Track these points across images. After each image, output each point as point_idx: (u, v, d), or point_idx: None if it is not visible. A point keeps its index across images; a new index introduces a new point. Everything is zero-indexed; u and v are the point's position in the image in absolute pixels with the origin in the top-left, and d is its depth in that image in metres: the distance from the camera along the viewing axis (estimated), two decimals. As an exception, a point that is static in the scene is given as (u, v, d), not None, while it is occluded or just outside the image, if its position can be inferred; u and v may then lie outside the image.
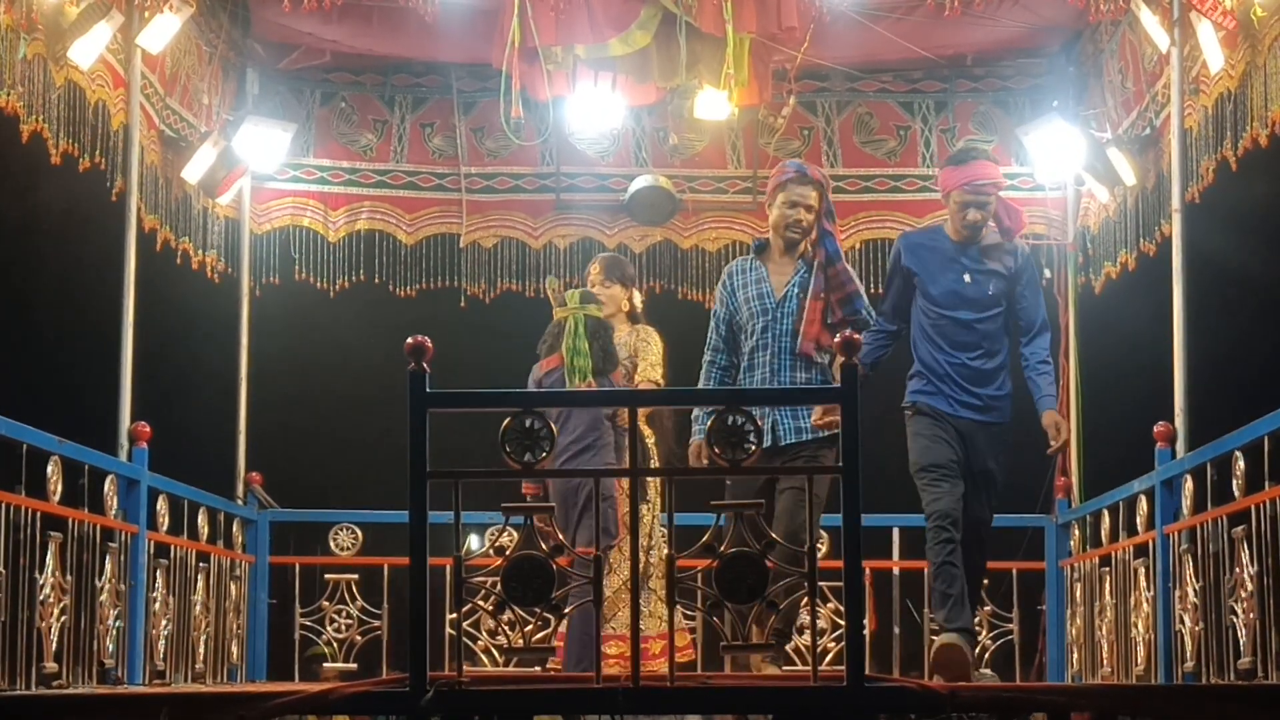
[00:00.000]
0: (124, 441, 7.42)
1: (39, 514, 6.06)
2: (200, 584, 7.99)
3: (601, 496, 7.29)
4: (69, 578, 6.34)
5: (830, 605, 8.48)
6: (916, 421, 6.80)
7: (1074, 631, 8.46)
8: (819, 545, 6.12)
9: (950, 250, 6.82)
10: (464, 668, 5.17)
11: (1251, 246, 10.30)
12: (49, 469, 6.21)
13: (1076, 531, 8.53)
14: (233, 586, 8.50)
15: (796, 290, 6.92)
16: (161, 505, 7.48)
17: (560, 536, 7.16)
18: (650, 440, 7.90)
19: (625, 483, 7.61)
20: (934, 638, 8.50)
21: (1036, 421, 6.90)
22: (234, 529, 8.59)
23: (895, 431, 6.92)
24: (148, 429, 7.45)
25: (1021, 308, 6.87)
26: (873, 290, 9.33)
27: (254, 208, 9.33)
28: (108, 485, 6.90)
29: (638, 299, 8.25)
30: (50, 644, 6.16)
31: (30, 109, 6.93)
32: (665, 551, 5.08)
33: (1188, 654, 6.61)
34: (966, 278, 6.75)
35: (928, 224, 8.68)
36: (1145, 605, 7.25)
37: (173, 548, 7.62)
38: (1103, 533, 7.90)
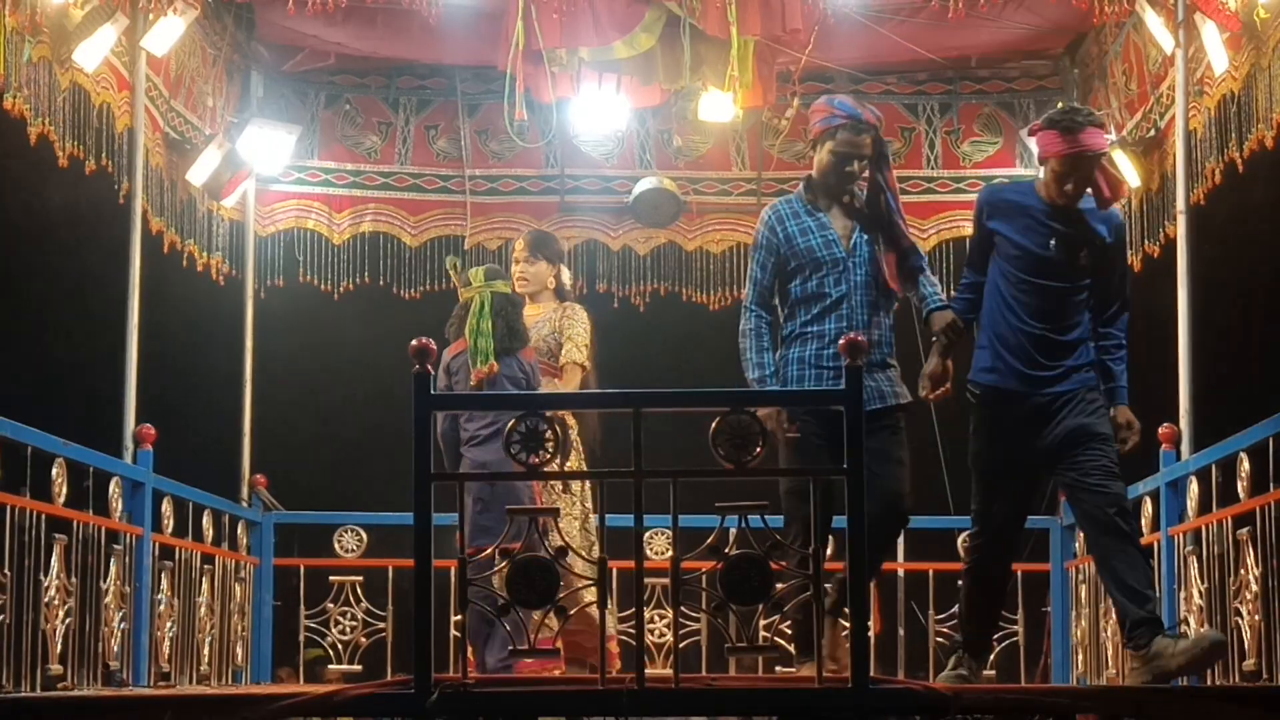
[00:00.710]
0: (129, 444, 7.43)
1: (44, 516, 6.07)
2: (205, 586, 8.00)
3: (513, 499, 7.13)
4: (74, 580, 6.35)
5: (835, 607, 8.47)
6: (980, 413, 6.08)
7: (1079, 633, 8.45)
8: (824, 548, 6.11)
9: (1041, 212, 6.03)
10: (468, 669, 5.17)
11: (1256, 249, 10.29)
12: (54, 471, 6.22)
13: (1081, 533, 8.52)
14: (237, 588, 8.51)
15: (865, 238, 6.27)
16: (166, 507, 7.49)
17: (462, 538, 7.06)
18: (573, 430, 7.69)
19: (543, 485, 7.40)
20: (938, 641, 8.52)
21: None
22: (238, 531, 8.60)
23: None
24: (152, 431, 7.46)
25: (1108, 281, 6.09)
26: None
27: (258, 210, 9.34)
28: (112, 487, 6.90)
29: (565, 276, 8.06)
30: (55, 646, 6.17)
31: (36, 111, 6.94)
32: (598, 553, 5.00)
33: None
34: (1053, 243, 5.98)
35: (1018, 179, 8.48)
36: (1150, 607, 7.24)
37: (177, 550, 7.63)
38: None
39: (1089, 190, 5.98)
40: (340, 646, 8.85)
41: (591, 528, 7.58)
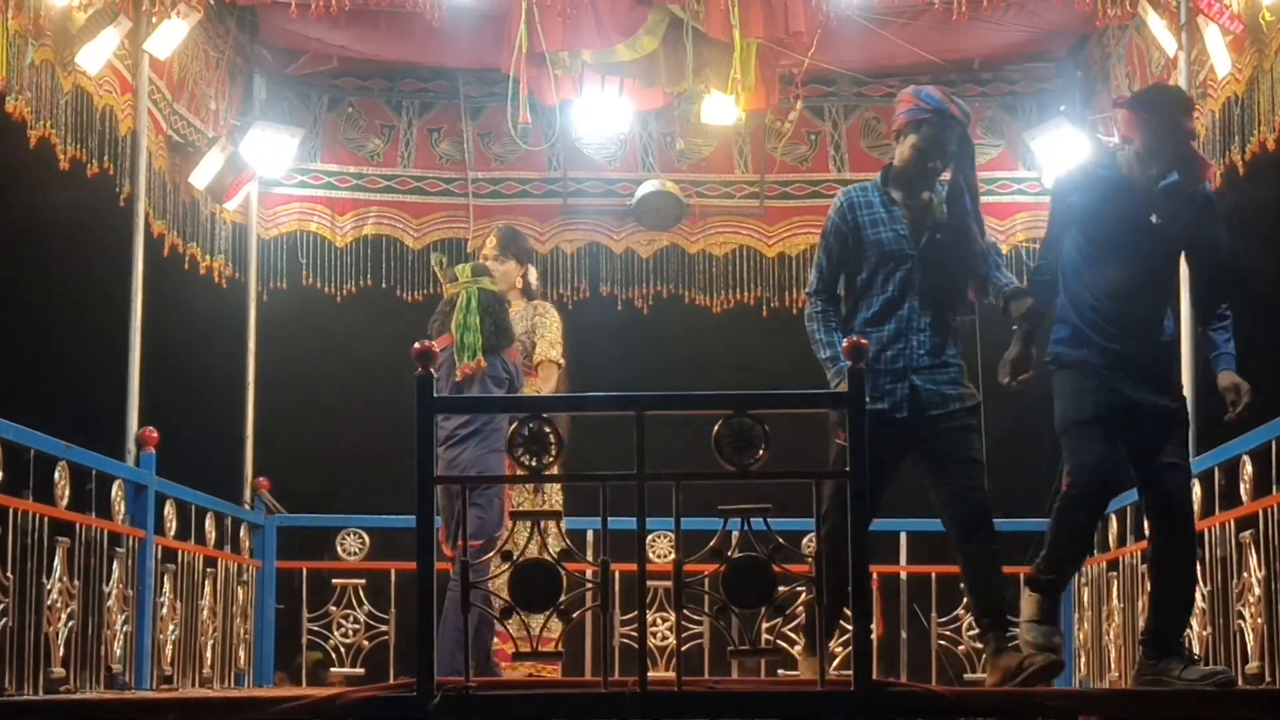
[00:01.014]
0: (131, 446, 7.44)
1: (46, 519, 6.07)
2: (207, 589, 8.00)
3: (478, 494, 7.06)
4: (76, 583, 6.35)
5: (838, 610, 8.46)
6: (1061, 376, 5.84)
7: (1081, 636, 8.45)
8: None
9: (1124, 187, 5.80)
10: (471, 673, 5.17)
11: (1259, 251, 10.29)
12: (56, 474, 6.22)
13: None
14: (240, 591, 8.51)
15: (938, 237, 5.95)
16: (169, 510, 7.49)
17: (443, 537, 7.05)
18: None
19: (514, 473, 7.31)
20: (941, 644, 8.51)
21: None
22: (241, 534, 8.60)
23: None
24: (155, 434, 7.46)
25: (1205, 254, 5.87)
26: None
27: (261, 213, 9.34)
28: (115, 490, 6.91)
29: (533, 275, 8.05)
30: (58, 649, 6.17)
31: (39, 114, 6.94)
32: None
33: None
34: (1154, 218, 5.75)
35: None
36: (1153, 610, 7.23)
37: (180, 553, 7.63)
38: (1110, 537, 7.90)
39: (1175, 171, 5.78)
40: (343, 649, 8.85)
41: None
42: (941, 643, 8.66)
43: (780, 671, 8.18)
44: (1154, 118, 5.73)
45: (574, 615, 5.04)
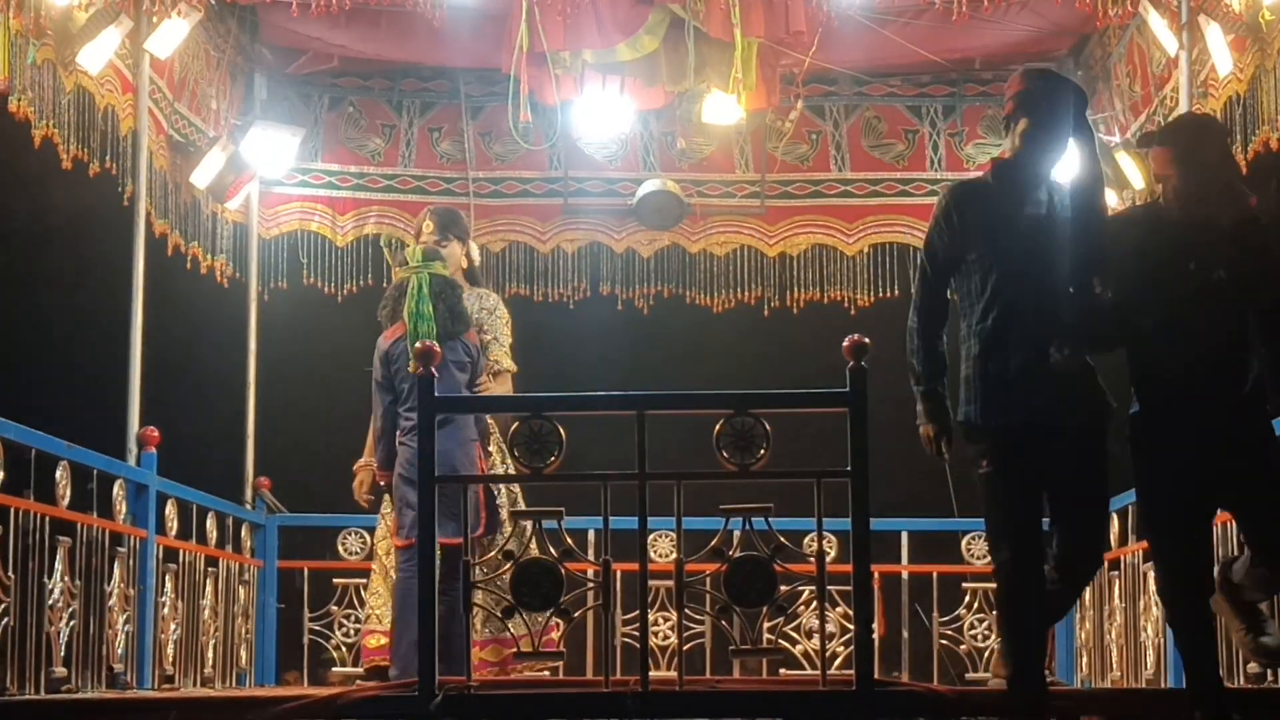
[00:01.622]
0: (132, 446, 7.44)
1: (48, 519, 6.07)
2: (209, 588, 8.00)
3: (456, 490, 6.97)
4: (78, 582, 6.35)
5: (839, 609, 8.46)
6: (1138, 461, 5.35)
7: (1083, 635, 8.45)
8: (828, 550, 6.11)
9: (1169, 229, 5.30)
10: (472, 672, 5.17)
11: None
12: (58, 474, 6.22)
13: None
14: (241, 591, 8.51)
15: (1047, 223, 5.40)
16: (170, 510, 7.49)
17: (394, 530, 7.03)
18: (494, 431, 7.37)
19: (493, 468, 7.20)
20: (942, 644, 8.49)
21: None
22: (242, 533, 8.61)
23: (901, 433, 6.84)
24: (156, 434, 7.46)
25: (1249, 290, 5.29)
26: (885, 294, 9.38)
27: (262, 212, 9.34)
28: (116, 490, 6.91)
29: (475, 253, 7.84)
30: (59, 648, 6.17)
31: (40, 114, 6.94)
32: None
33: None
34: (1192, 265, 5.22)
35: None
36: (1154, 609, 7.24)
37: (181, 552, 7.63)
38: (1112, 536, 7.89)
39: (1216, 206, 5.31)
40: (344, 649, 8.85)
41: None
42: (943, 642, 8.66)
43: (782, 671, 8.19)
44: (1185, 151, 5.32)
45: (575, 615, 5.04)
